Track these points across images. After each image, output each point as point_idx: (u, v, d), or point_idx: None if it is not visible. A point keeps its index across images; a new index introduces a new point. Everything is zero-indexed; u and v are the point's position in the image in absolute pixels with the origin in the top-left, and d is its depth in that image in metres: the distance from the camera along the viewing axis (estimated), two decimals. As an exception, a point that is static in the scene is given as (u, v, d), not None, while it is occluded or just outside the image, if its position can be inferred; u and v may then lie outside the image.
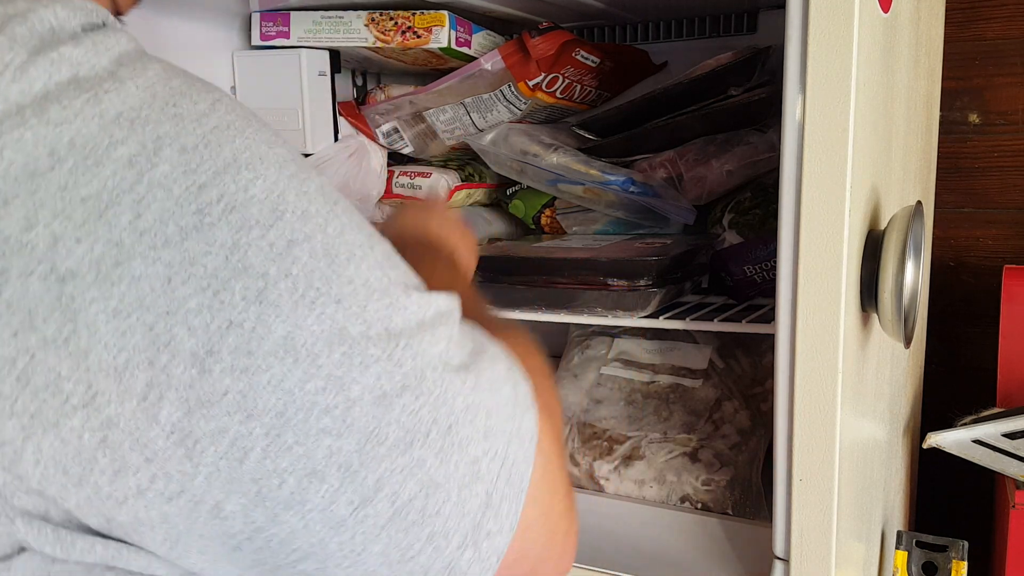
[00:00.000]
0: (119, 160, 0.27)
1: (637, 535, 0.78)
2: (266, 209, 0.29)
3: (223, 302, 0.27)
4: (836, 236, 0.57)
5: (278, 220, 0.29)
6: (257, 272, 0.28)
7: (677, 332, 0.94)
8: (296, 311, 0.29)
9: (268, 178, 0.29)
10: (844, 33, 0.54)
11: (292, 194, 0.30)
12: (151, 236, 0.27)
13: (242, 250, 0.28)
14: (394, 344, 0.31)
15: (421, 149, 1.04)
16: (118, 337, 0.27)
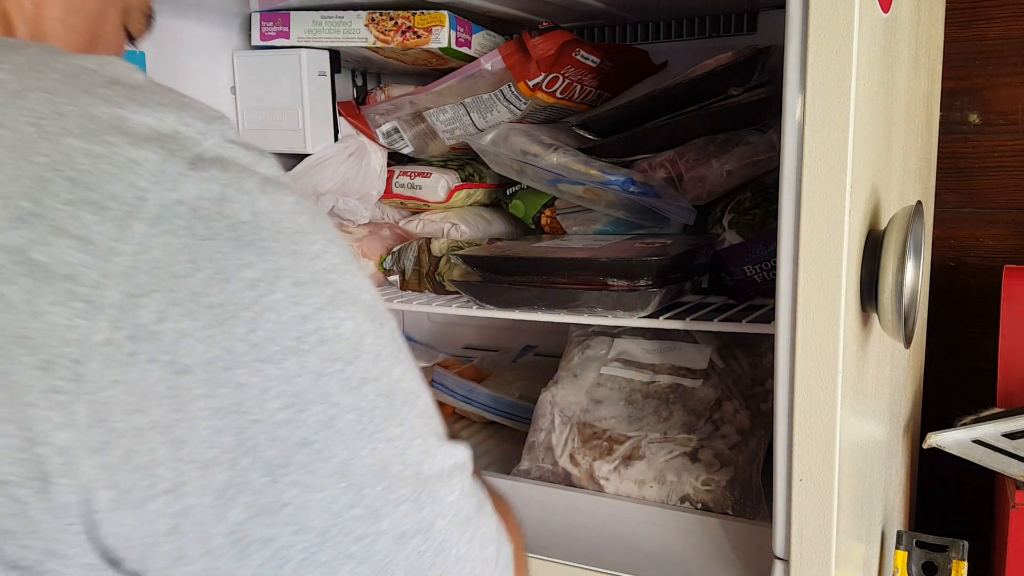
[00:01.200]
0: (244, 280, 0.30)
1: (637, 535, 0.78)
2: (349, 347, 0.33)
3: (303, 421, 0.31)
4: (836, 236, 0.57)
5: (357, 359, 0.33)
6: (333, 400, 0.32)
7: (677, 332, 0.94)
8: (356, 441, 0.32)
9: (356, 320, 0.33)
10: (844, 33, 0.54)
11: (371, 337, 0.34)
12: (258, 350, 0.30)
13: (325, 379, 0.32)
14: (421, 488, 0.35)
15: (421, 149, 1.04)
16: (212, 434, 0.29)
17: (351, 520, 0.32)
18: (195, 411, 0.29)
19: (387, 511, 0.33)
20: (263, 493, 0.30)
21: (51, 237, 0.28)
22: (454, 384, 1.03)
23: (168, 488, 0.29)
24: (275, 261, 0.31)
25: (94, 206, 0.28)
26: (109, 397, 0.28)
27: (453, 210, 1.06)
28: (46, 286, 0.28)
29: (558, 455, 0.88)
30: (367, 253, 1.00)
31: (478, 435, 1.03)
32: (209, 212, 0.30)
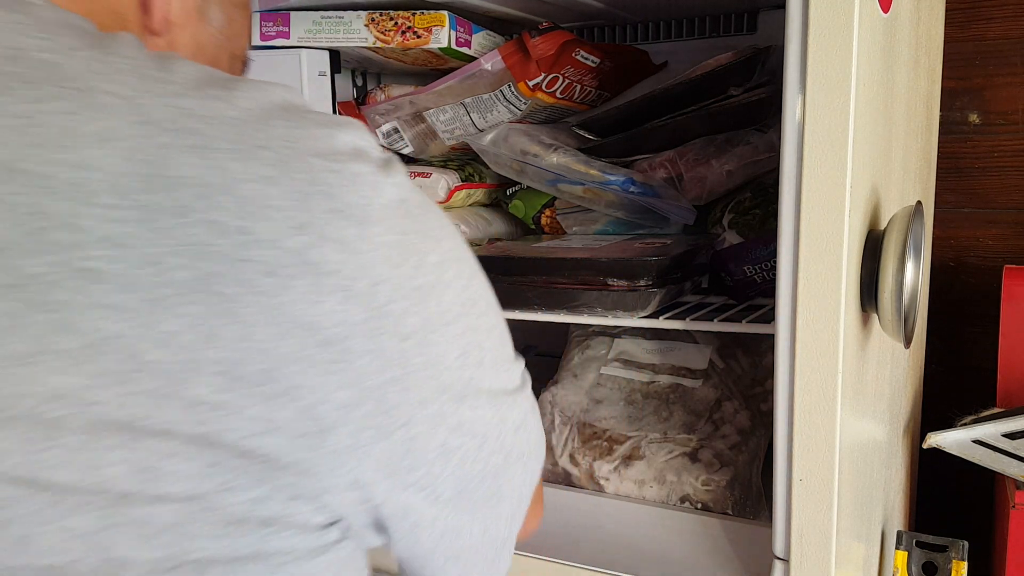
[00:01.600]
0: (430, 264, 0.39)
1: (637, 535, 0.78)
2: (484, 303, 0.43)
3: (469, 363, 0.41)
4: (836, 236, 0.57)
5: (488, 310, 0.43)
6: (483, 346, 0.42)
7: (677, 332, 0.94)
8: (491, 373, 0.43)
9: (481, 283, 0.43)
10: (844, 33, 0.54)
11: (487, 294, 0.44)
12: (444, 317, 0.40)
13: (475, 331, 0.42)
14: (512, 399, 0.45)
15: (421, 149, 1.04)
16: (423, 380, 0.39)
17: (495, 422, 0.43)
18: (414, 367, 0.38)
19: (510, 411, 0.45)
20: (454, 415, 0.40)
21: (319, 241, 0.35)
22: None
23: (403, 423, 0.38)
24: (441, 246, 0.40)
25: (341, 214, 0.36)
26: (365, 363, 0.36)
27: (453, 210, 1.06)
28: (321, 281, 0.35)
29: (558, 455, 0.88)
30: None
31: (478, 435, 1.03)
32: (400, 211, 0.38)
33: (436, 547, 0.44)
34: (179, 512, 0.34)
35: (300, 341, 0.35)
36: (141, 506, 0.33)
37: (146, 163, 0.33)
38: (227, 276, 0.33)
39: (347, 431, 0.37)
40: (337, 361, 0.36)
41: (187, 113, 0.35)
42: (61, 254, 0.32)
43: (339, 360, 0.36)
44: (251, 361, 0.34)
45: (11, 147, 0.32)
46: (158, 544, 0.34)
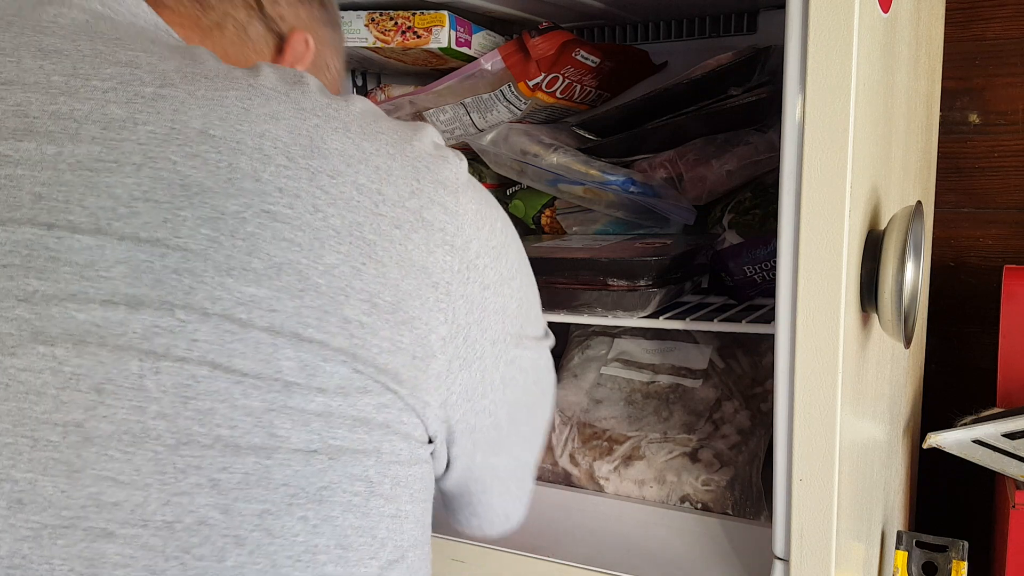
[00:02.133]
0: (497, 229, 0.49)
1: (637, 535, 0.78)
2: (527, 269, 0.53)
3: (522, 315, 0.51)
4: (836, 236, 0.57)
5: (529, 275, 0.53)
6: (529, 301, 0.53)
7: (677, 332, 0.94)
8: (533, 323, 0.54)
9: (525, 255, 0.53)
10: (844, 33, 0.54)
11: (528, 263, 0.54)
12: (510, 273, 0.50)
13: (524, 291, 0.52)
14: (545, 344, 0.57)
15: (421, 149, 1.04)
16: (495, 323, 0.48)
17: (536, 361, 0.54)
18: (490, 312, 0.47)
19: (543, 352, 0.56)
20: (510, 352, 0.50)
21: (429, 204, 0.44)
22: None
23: (479, 356, 0.47)
24: (501, 214, 0.50)
25: (442, 185, 0.45)
26: (459, 305, 0.45)
27: (453, 210, 1.06)
28: (432, 235, 0.44)
29: (558, 455, 0.88)
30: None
31: (478, 435, 1.03)
32: (471, 185, 0.47)
33: (485, 463, 0.53)
34: (328, 404, 0.41)
35: (418, 281, 0.43)
36: (301, 395, 0.40)
37: (307, 137, 0.42)
38: (366, 225, 0.42)
39: (444, 359, 0.45)
40: (441, 300, 0.44)
41: (327, 105, 0.45)
42: (250, 198, 0.40)
43: (443, 300, 0.44)
44: (385, 293, 0.42)
45: (204, 119, 0.41)
46: (309, 429, 0.41)
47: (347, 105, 0.46)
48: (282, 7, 0.59)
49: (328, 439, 0.42)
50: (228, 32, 0.56)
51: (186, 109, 0.41)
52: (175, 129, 0.40)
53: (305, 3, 0.61)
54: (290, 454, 0.41)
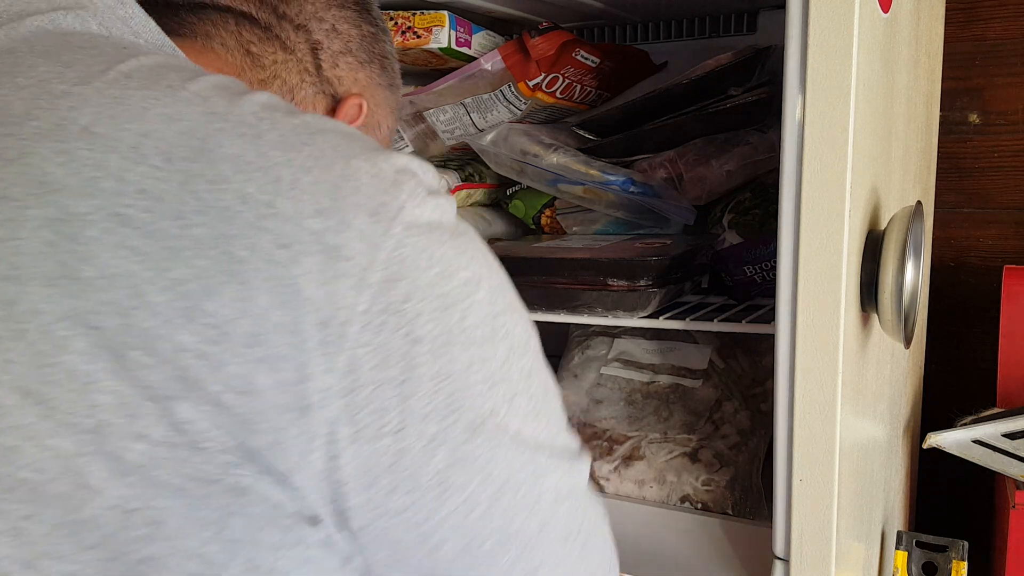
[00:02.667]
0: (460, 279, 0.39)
1: (637, 535, 0.78)
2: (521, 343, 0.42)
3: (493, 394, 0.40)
4: (836, 236, 0.57)
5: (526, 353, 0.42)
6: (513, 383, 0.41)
7: (677, 332, 0.94)
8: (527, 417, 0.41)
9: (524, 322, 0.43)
10: (844, 33, 0.54)
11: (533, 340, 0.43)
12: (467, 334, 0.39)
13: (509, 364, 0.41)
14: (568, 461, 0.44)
15: (421, 149, 1.04)
16: (430, 393, 0.37)
17: (524, 476, 0.41)
18: (420, 374, 0.37)
19: (548, 472, 0.42)
20: (461, 447, 0.38)
21: (341, 228, 0.36)
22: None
23: (393, 431, 0.37)
24: (478, 269, 0.40)
25: (370, 211, 0.37)
26: (362, 354, 0.36)
27: (453, 210, 1.06)
28: (333, 263, 0.36)
29: (558, 455, 0.88)
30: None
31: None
32: (438, 226, 0.39)
33: None
34: (151, 455, 0.34)
35: (296, 314, 0.35)
36: (117, 439, 0.34)
37: (199, 140, 0.37)
38: (240, 239, 0.35)
39: (325, 418, 0.36)
40: (330, 343, 0.36)
41: (250, 113, 0.39)
42: (105, 199, 0.36)
43: (333, 343, 0.36)
44: (244, 321, 0.35)
45: (94, 116, 0.37)
46: (126, 483, 0.34)
47: (288, 117, 0.40)
48: (341, 70, 0.59)
49: (150, 499, 0.34)
50: (273, 89, 0.55)
51: (81, 106, 0.38)
52: (60, 126, 0.37)
53: (366, 67, 0.60)
54: (103, 511, 0.34)
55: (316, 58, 0.57)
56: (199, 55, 0.52)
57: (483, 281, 0.40)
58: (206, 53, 0.52)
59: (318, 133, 0.39)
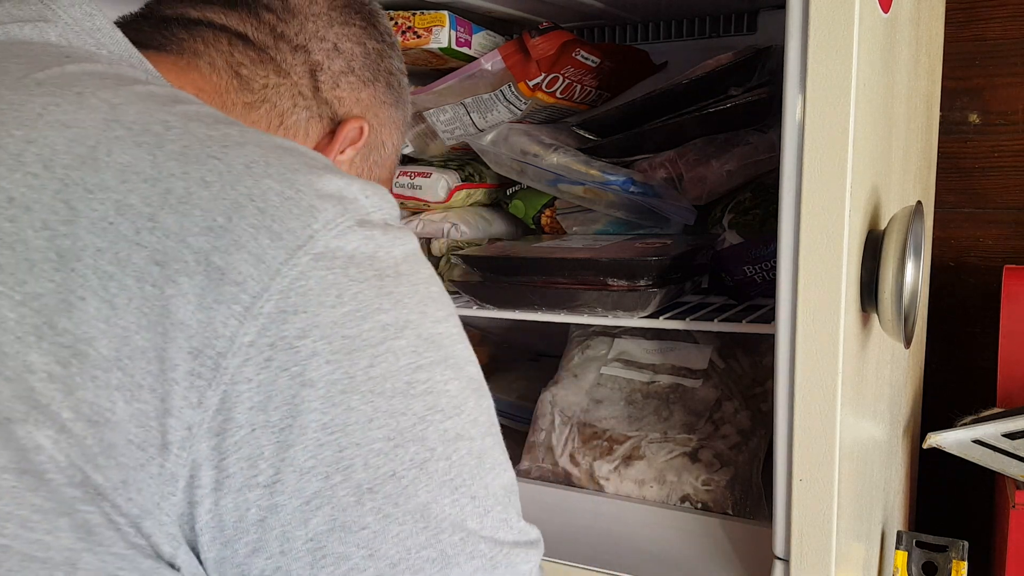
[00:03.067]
0: (378, 323, 0.35)
1: (637, 535, 0.78)
2: (452, 404, 0.37)
3: (397, 456, 0.34)
4: (836, 236, 0.57)
5: (457, 415, 0.37)
6: (428, 446, 0.35)
7: (677, 332, 0.94)
8: (441, 489, 0.36)
9: (462, 381, 0.38)
10: (844, 33, 0.54)
11: (472, 402, 0.38)
12: (374, 383, 0.34)
13: (425, 424, 0.35)
14: (497, 550, 0.38)
15: (421, 149, 1.04)
16: (316, 445, 0.33)
17: (422, 560, 0.35)
18: (307, 421, 0.33)
19: (459, 561, 0.36)
20: (347, 511, 0.34)
21: (232, 248, 0.33)
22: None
23: (265, 482, 0.33)
24: (406, 314, 0.36)
25: (273, 234, 0.34)
26: (240, 391, 0.32)
27: (453, 210, 1.06)
28: (217, 286, 0.32)
29: (558, 455, 0.88)
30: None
31: (478, 435, 1.03)
32: (363, 261, 0.35)
33: None
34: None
35: (164, 340, 0.32)
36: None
37: (89, 147, 0.34)
38: (108, 253, 0.32)
39: (189, 458, 0.32)
40: (201, 376, 0.32)
41: (160, 122, 0.36)
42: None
43: (205, 376, 0.32)
44: (102, 342, 0.32)
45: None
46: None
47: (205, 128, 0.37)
48: (342, 90, 0.56)
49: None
50: (259, 113, 0.52)
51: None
52: None
53: (370, 85, 0.58)
54: None
55: (314, 80, 0.55)
56: (181, 72, 0.50)
57: (409, 329, 0.36)
58: (189, 71, 0.50)
59: (235, 147, 0.36)
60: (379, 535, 0.34)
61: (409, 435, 0.35)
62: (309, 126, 0.55)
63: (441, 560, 0.36)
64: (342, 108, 0.56)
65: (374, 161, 0.61)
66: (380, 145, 0.61)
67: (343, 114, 0.56)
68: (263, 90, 0.52)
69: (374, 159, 0.61)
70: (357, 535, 0.34)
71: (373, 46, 0.58)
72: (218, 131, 0.37)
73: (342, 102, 0.56)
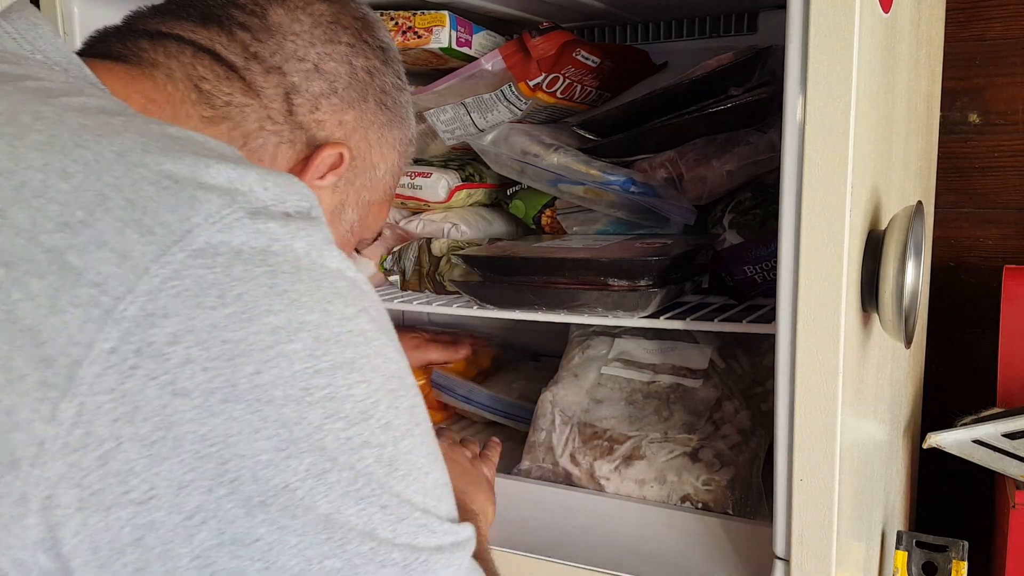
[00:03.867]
0: (267, 325, 0.32)
1: (637, 535, 0.78)
2: (358, 409, 0.34)
3: (290, 467, 0.32)
4: (836, 236, 0.57)
5: (363, 421, 0.34)
6: (328, 455, 0.33)
7: (677, 332, 0.94)
8: (344, 499, 0.33)
9: (372, 384, 0.35)
10: (844, 33, 0.54)
11: (384, 405, 0.35)
12: (260, 391, 0.32)
13: (323, 433, 0.33)
14: (414, 557, 0.36)
15: (421, 149, 1.04)
16: (194, 458, 0.31)
17: (326, 571, 0.33)
18: (182, 433, 0.30)
19: (368, 570, 0.34)
20: (235, 524, 0.31)
21: (92, 246, 0.30)
22: (454, 384, 1.03)
23: (138, 499, 0.30)
24: (302, 314, 0.33)
25: (143, 228, 0.31)
26: (100, 402, 0.30)
27: (453, 210, 1.06)
28: (71, 288, 0.30)
29: (559, 455, 0.88)
30: (367, 253, 1.00)
31: (478, 435, 1.03)
32: (251, 257, 0.32)
33: None
34: None
35: (10, 348, 0.29)
36: None
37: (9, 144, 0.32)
38: None
39: (43, 477, 0.29)
40: (54, 387, 0.29)
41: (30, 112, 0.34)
42: None
43: (57, 387, 0.29)
44: None
45: None
46: None
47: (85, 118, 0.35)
48: (323, 113, 0.52)
49: None
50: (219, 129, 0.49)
51: None
52: None
53: (355, 107, 0.54)
54: None
55: (289, 103, 0.51)
56: (132, 80, 0.47)
57: (305, 330, 0.33)
58: (141, 80, 0.47)
59: (110, 135, 0.33)
60: (275, 546, 0.32)
61: (304, 445, 0.32)
62: (278, 151, 0.51)
63: (348, 570, 0.34)
64: (322, 132, 0.53)
65: (362, 185, 0.57)
66: (370, 168, 0.57)
67: (322, 138, 0.53)
68: (225, 107, 0.49)
69: (362, 183, 0.57)
70: (250, 548, 0.32)
71: (362, 64, 0.55)
72: (96, 120, 0.34)
73: (322, 125, 0.53)
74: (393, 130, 0.58)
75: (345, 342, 0.34)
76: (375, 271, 1.01)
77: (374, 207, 0.59)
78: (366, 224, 0.59)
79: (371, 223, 0.60)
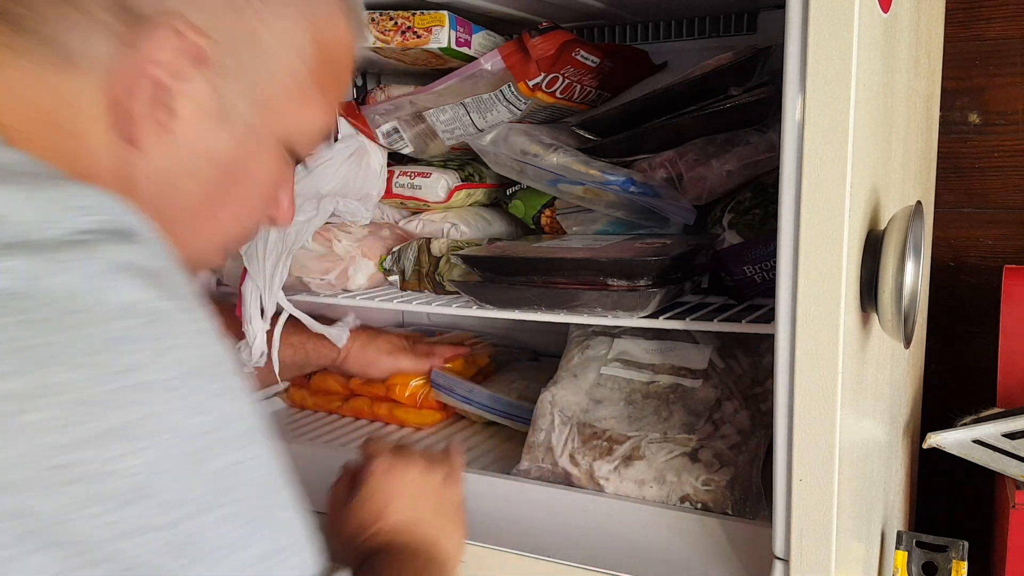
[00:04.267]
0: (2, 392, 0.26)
1: (637, 535, 0.78)
2: (132, 486, 0.27)
3: (27, 565, 0.26)
4: (836, 236, 0.57)
5: (140, 500, 0.28)
6: (79, 549, 0.27)
7: (677, 332, 0.94)
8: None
9: (153, 454, 0.28)
10: (844, 33, 0.54)
11: (169, 478, 0.28)
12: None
13: (68, 523, 0.26)
14: None
15: (421, 149, 1.04)
16: None
17: None
18: None
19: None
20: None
21: None
22: (454, 384, 1.03)
23: None
24: (52, 374, 0.26)
25: None
26: None
27: (453, 210, 1.06)
28: None
29: (558, 455, 0.88)
30: (367, 253, 1.00)
31: (478, 435, 1.03)
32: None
33: None
34: None
35: None
36: None
37: None
38: None
39: None
40: None
41: None
42: None
43: None
44: None
45: None
46: None
47: None
48: None
49: None
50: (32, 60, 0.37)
51: None
52: None
53: None
54: None
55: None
56: None
57: (62, 393, 0.27)
58: None
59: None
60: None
61: (47, 537, 0.26)
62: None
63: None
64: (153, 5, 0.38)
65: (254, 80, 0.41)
66: (260, 54, 0.41)
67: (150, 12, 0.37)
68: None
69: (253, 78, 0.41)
70: None
71: None
72: None
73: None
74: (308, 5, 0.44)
75: (118, 402, 0.27)
76: (375, 271, 1.01)
77: (291, 104, 0.44)
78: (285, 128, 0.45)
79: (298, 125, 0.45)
